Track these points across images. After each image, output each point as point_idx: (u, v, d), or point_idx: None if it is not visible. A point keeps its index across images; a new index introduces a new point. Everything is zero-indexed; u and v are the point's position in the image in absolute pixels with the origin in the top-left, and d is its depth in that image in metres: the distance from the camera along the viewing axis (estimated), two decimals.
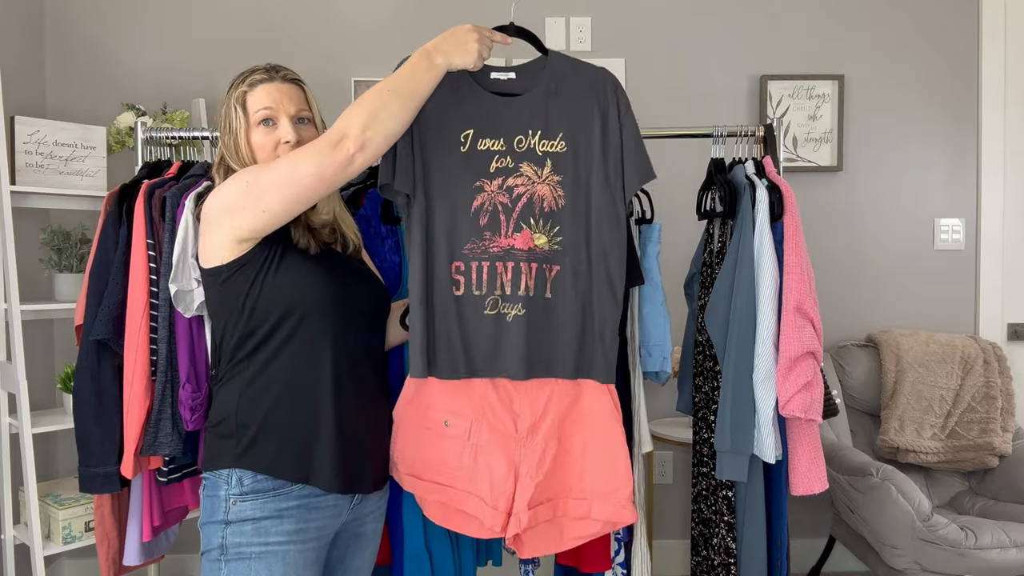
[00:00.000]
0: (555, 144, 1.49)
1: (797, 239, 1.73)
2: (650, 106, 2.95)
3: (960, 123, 3.02)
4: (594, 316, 1.49)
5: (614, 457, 1.54)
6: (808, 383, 1.69)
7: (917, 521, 2.23)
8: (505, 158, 1.48)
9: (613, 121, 1.50)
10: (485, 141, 1.47)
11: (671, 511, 3.00)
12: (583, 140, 1.49)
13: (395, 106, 1.33)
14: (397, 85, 1.34)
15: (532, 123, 1.48)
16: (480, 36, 1.40)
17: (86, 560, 2.85)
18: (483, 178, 1.46)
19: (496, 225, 1.46)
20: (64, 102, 2.85)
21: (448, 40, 1.39)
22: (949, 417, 2.71)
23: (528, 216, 1.47)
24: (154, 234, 1.79)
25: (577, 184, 1.49)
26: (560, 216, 1.48)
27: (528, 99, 1.49)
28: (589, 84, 1.51)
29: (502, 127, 1.48)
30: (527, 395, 1.53)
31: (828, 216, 3.00)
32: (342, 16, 2.93)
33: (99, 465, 1.83)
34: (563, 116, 1.49)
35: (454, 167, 1.46)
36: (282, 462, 1.34)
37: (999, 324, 3.03)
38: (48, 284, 2.56)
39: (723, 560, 1.86)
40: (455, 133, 1.47)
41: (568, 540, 1.58)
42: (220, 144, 1.46)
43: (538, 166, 1.48)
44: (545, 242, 1.47)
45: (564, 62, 1.53)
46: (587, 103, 1.50)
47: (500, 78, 1.51)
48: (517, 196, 1.47)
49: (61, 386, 2.36)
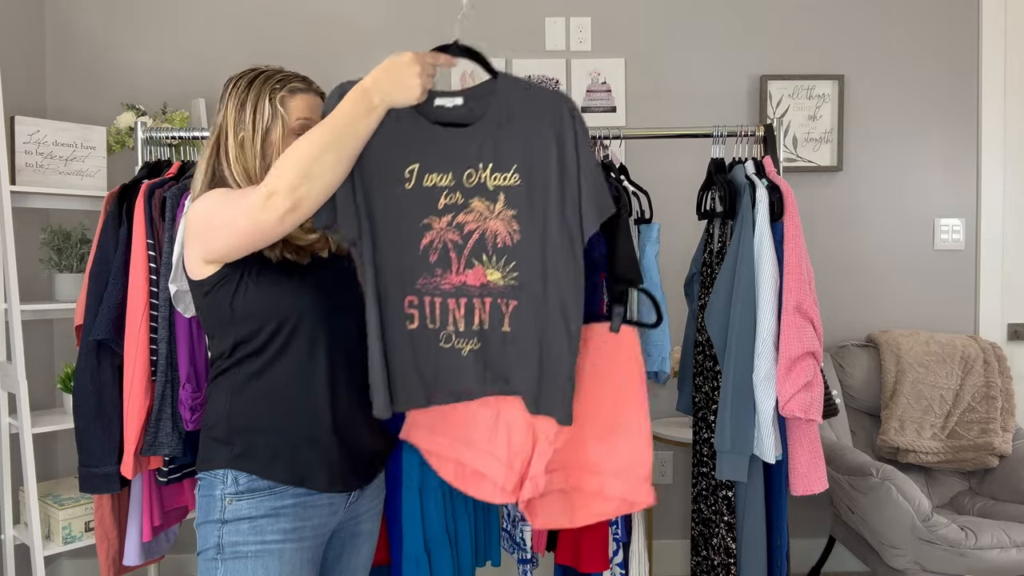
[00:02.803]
0: (508, 177, 1.38)
1: (797, 239, 1.73)
2: (650, 106, 2.96)
3: (960, 123, 3.02)
4: (552, 354, 1.40)
5: (637, 431, 1.48)
6: (808, 383, 1.70)
7: (917, 521, 2.23)
8: (454, 193, 1.38)
9: (570, 151, 1.37)
10: (431, 176, 1.38)
11: (671, 511, 3.00)
12: (539, 172, 1.37)
13: (330, 158, 1.25)
14: (333, 133, 1.26)
15: (482, 155, 1.38)
16: (422, 67, 1.31)
17: (86, 560, 2.85)
18: (431, 215, 1.38)
19: (447, 262, 1.39)
20: (64, 102, 2.85)
21: (387, 76, 1.30)
22: (949, 417, 2.71)
23: (480, 252, 1.39)
24: (154, 234, 1.79)
25: (533, 219, 1.38)
26: (516, 252, 1.39)
27: (477, 129, 1.38)
28: (544, 110, 1.38)
29: (450, 160, 1.38)
30: None
31: (828, 216, 3.00)
32: (341, 16, 2.93)
33: (99, 465, 1.83)
34: (516, 146, 1.38)
35: (399, 205, 1.37)
36: (276, 466, 1.34)
37: (999, 324, 3.03)
38: (48, 284, 2.56)
39: (723, 560, 1.86)
40: (399, 169, 1.37)
41: (581, 517, 1.53)
42: (228, 139, 1.38)
43: (490, 201, 1.38)
44: (499, 278, 1.39)
45: (516, 86, 1.40)
46: (542, 132, 1.37)
47: (446, 105, 1.39)
48: (468, 233, 1.39)
49: (61, 386, 2.36)
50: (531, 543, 1.90)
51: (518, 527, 1.92)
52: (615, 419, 1.50)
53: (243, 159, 1.38)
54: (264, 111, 1.37)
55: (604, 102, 2.95)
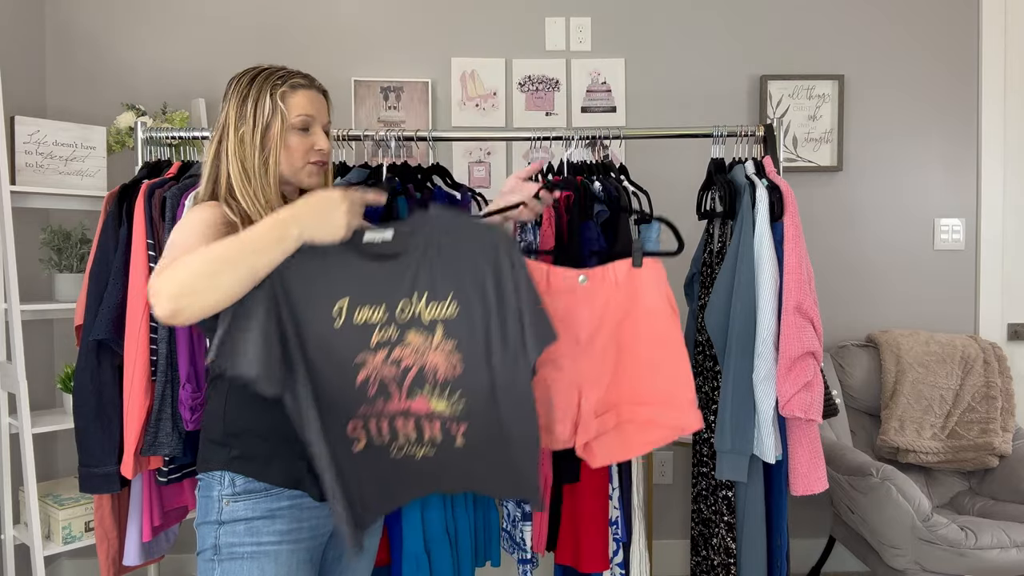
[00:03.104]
0: (445, 306, 1.33)
1: (797, 239, 1.73)
2: (650, 106, 2.96)
3: (960, 123, 3.02)
4: (512, 459, 1.37)
5: (675, 360, 1.54)
6: (808, 383, 1.70)
7: (917, 521, 2.23)
8: (387, 328, 1.31)
9: (508, 279, 1.34)
10: (362, 311, 1.30)
11: (671, 511, 3.00)
12: (477, 299, 1.33)
13: (225, 278, 1.16)
14: (237, 254, 1.17)
15: (416, 284, 1.31)
16: (350, 206, 1.25)
17: (86, 560, 2.85)
18: (364, 352, 1.30)
19: (387, 393, 1.33)
20: (64, 102, 2.85)
21: (312, 212, 1.23)
22: (949, 417, 2.71)
23: (422, 384, 1.33)
24: (154, 234, 1.79)
25: (474, 348, 1.33)
26: (459, 382, 1.34)
27: (410, 258, 1.32)
28: (477, 238, 1.35)
29: (381, 292, 1.30)
30: (584, 304, 1.56)
31: (828, 216, 3.00)
32: (342, 16, 2.93)
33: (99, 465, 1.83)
34: (451, 274, 1.33)
35: (330, 345, 1.28)
36: (272, 468, 1.34)
37: (999, 324, 3.03)
38: (48, 284, 2.56)
39: (723, 560, 1.86)
40: (327, 307, 1.28)
41: (637, 447, 1.59)
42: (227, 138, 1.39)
43: (428, 333, 1.32)
44: (445, 407, 1.34)
45: (447, 215, 1.37)
46: (477, 258, 1.34)
47: (375, 240, 1.31)
48: (406, 368, 1.32)
49: (61, 386, 2.36)
50: (531, 543, 1.90)
51: (518, 527, 1.92)
52: (654, 353, 1.55)
53: (241, 154, 1.38)
54: (264, 106, 1.38)
55: (604, 102, 2.95)
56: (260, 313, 1.22)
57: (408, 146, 2.06)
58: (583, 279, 1.57)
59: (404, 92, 2.90)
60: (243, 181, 1.38)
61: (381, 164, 2.03)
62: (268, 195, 1.39)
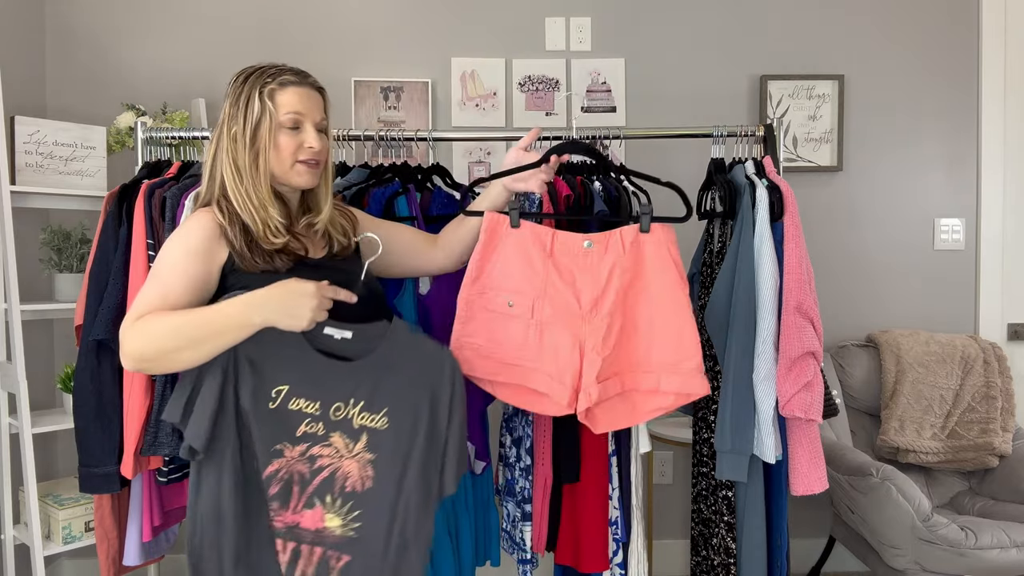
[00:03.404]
0: (377, 419, 1.35)
1: (797, 239, 1.73)
2: (650, 106, 2.96)
3: (960, 123, 3.02)
4: None
5: (680, 326, 1.55)
6: (808, 383, 1.70)
7: (917, 521, 2.23)
8: (317, 423, 1.33)
9: (443, 409, 1.39)
10: (299, 401, 1.33)
11: (671, 511, 3.00)
12: (408, 421, 1.36)
13: (186, 355, 1.25)
14: (200, 334, 1.24)
15: (356, 392, 1.35)
16: (319, 302, 1.28)
17: (86, 560, 2.85)
18: (285, 442, 1.32)
19: (286, 497, 1.31)
20: (64, 102, 2.85)
21: (279, 302, 1.27)
22: (949, 417, 2.71)
23: (325, 492, 1.32)
24: (154, 234, 1.79)
25: (391, 467, 1.34)
26: (363, 499, 1.33)
27: (358, 367, 1.36)
28: (427, 363, 1.40)
29: (321, 390, 1.34)
30: (589, 269, 1.56)
31: (828, 216, 3.00)
32: (342, 16, 2.93)
33: (99, 465, 1.83)
34: (391, 392, 1.37)
35: (259, 423, 1.30)
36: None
37: (999, 324, 3.03)
38: (48, 284, 2.56)
39: (723, 560, 1.86)
40: (268, 386, 1.32)
41: (641, 413, 1.59)
42: (222, 137, 1.40)
43: (351, 439, 1.34)
44: (339, 525, 1.33)
45: (406, 334, 1.41)
46: (420, 383, 1.38)
47: (334, 336, 1.35)
48: (318, 468, 1.33)
49: (61, 386, 2.36)
50: (531, 543, 1.90)
51: (518, 527, 1.92)
52: (660, 318, 1.56)
53: (233, 152, 1.39)
54: (254, 105, 1.38)
55: (604, 102, 2.95)
56: (216, 377, 1.28)
57: (408, 146, 2.05)
58: (588, 244, 1.57)
59: (404, 92, 2.90)
60: (235, 181, 1.38)
61: (381, 164, 2.03)
62: (260, 194, 1.38)
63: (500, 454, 2.00)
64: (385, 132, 2.03)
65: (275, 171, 1.41)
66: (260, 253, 1.36)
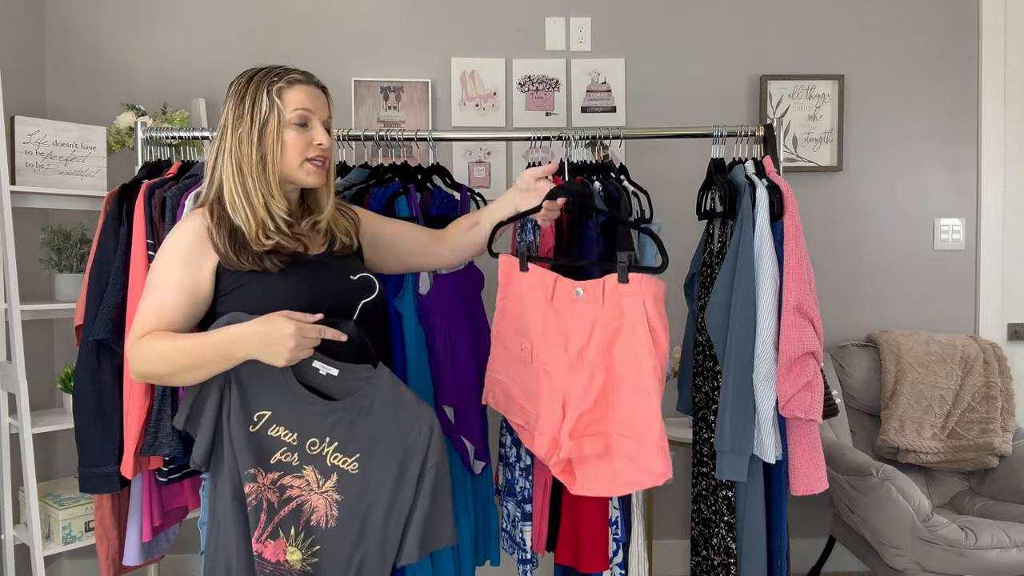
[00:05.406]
0: (349, 463, 1.36)
1: (797, 239, 1.73)
2: (650, 106, 2.96)
3: (960, 123, 3.02)
4: None
5: (644, 394, 1.44)
6: (808, 383, 1.70)
7: (917, 521, 2.23)
8: (292, 453, 1.34)
9: (411, 475, 1.37)
10: (279, 428, 1.35)
11: (671, 511, 3.00)
12: (377, 474, 1.36)
13: (180, 378, 1.32)
14: (191, 362, 1.30)
15: (332, 432, 1.36)
16: (298, 343, 1.28)
17: (86, 560, 2.85)
18: (259, 466, 1.33)
19: (254, 523, 1.32)
20: (64, 102, 2.85)
21: (260, 339, 1.28)
22: (949, 417, 2.70)
23: (290, 525, 1.33)
24: (154, 234, 1.79)
25: (354, 513, 1.35)
26: (325, 537, 1.34)
27: (338, 406, 1.37)
28: (403, 418, 1.39)
29: (300, 423, 1.35)
30: (577, 318, 1.52)
31: (828, 216, 3.00)
32: (342, 16, 2.93)
33: (99, 465, 1.83)
34: (366, 438, 1.37)
35: (240, 444, 1.33)
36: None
37: (999, 324, 3.03)
38: (48, 284, 2.56)
39: (723, 560, 1.86)
40: (252, 409, 1.35)
41: (623, 484, 1.49)
42: (226, 138, 1.40)
43: (323, 476, 1.35)
44: (298, 559, 1.32)
45: (390, 384, 1.40)
46: (393, 438, 1.37)
47: (320, 371, 1.37)
48: (287, 499, 1.33)
49: (61, 386, 2.36)
50: (531, 543, 1.90)
51: (518, 527, 1.92)
52: (635, 377, 1.46)
53: (238, 153, 1.39)
54: (262, 104, 1.38)
55: (604, 102, 2.95)
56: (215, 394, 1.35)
57: (408, 146, 2.05)
58: (579, 292, 1.53)
59: (404, 92, 2.90)
60: (236, 181, 1.38)
61: (381, 164, 2.03)
62: (265, 192, 1.39)
63: (500, 454, 2.00)
64: (385, 132, 2.03)
65: (284, 170, 1.41)
66: (248, 255, 1.37)
